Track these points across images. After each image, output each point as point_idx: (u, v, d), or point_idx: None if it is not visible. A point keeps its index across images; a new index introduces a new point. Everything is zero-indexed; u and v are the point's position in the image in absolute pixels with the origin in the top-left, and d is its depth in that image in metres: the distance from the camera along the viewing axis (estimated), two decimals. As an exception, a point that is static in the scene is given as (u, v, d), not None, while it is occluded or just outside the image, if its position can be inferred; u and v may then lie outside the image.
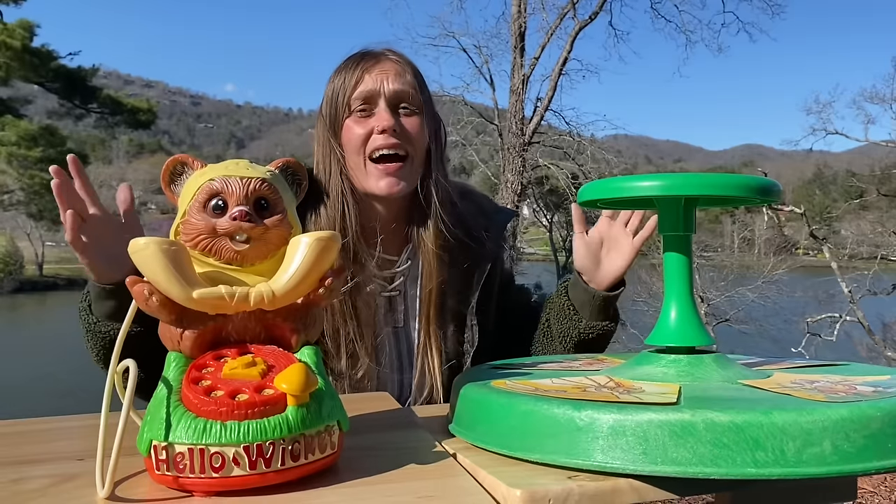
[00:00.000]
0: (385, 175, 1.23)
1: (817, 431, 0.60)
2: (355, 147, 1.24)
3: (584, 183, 0.87)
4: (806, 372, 0.85)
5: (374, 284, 1.30)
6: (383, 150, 1.22)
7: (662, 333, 0.82)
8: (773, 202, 0.82)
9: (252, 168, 0.72)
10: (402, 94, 1.24)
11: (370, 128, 1.23)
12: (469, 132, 14.26)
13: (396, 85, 1.24)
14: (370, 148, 1.23)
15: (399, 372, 1.33)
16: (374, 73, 1.24)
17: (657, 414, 0.62)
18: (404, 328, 1.34)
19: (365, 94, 1.23)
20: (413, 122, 1.25)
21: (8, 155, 13.52)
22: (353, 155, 1.25)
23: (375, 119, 1.23)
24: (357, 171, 1.25)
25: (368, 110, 1.24)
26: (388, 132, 1.22)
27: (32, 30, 14.25)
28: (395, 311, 1.33)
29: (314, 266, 0.68)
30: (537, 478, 0.63)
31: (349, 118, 1.24)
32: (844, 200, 22.79)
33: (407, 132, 1.24)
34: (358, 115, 1.24)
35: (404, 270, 1.33)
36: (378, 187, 1.23)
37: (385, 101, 1.23)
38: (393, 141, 1.22)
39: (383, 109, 1.23)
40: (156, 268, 0.64)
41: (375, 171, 1.23)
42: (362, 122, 1.24)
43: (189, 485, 0.61)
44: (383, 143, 1.22)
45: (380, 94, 1.23)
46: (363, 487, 0.63)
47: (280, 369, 0.65)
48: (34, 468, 0.70)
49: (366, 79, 1.24)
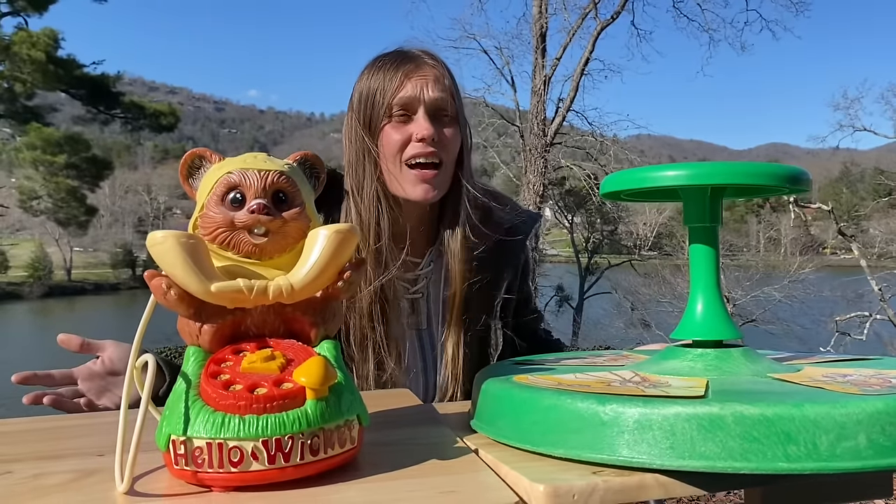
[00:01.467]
0: (421, 181, 1.23)
1: (851, 425, 0.58)
2: (392, 152, 1.24)
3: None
4: (837, 366, 0.83)
5: (398, 287, 1.30)
6: (420, 158, 1.22)
7: (689, 327, 0.80)
8: (802, 191, 0.80)
9: (270, 161, 0.71)
10: (441, 103, 1.24)
11: (408, 134, 1.23)
12: (490, 134, 14.24)
13: (436, 93, 1.24)
14: (408, 155, 1.23)
15: (423, 374, 1.33)
16: (414, 79, 1.24)
17: (684, 407, 0.60)
18: (427, 330, 1.34)
19: (405, 100, 1.23)
20: (449, 131, 1.26)
21: (34, 161, 13.72)
22: (389, 159, 1.25)
23: (415, 126, 1.23)
24: (393, 175, 1.25)
25: (407, 117, 1.24)
26: (427, 141, 1.22)
27: (57, 39, 14.45)
28: (418, 314, 1.33)
29: (333, 259, 0.67)
30: (561, 473, 0.62)
31: (388, 124, 1.24)
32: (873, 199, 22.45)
33: (443, 141, 1.25)
34: (396, 120, 1.24)
35: (427, 273, 1.33)
36: (414, 193, 1.24)
37: (424, 108, 1.23)
38: (430, 150, 1.22)
39: (422, 118, 1.23)
40: (174, 261, 0.63)
41: (412, 177, 1.23)
42: (400, 127, 1.24)
43: (207, 479, 0.60)
44: (421, 151, 1.22)
45: (420, 102, 1.23)
46: (384, 482, 0.62)
47: (299, 363, 0.64)
48: (55, 464, 0.70)
49: (406, 85, 1.23)
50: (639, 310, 16.40)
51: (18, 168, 15.65)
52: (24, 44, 13.41)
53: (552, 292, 16.90)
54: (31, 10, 14.28)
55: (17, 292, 36.32)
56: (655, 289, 16.35)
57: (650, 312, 15.96)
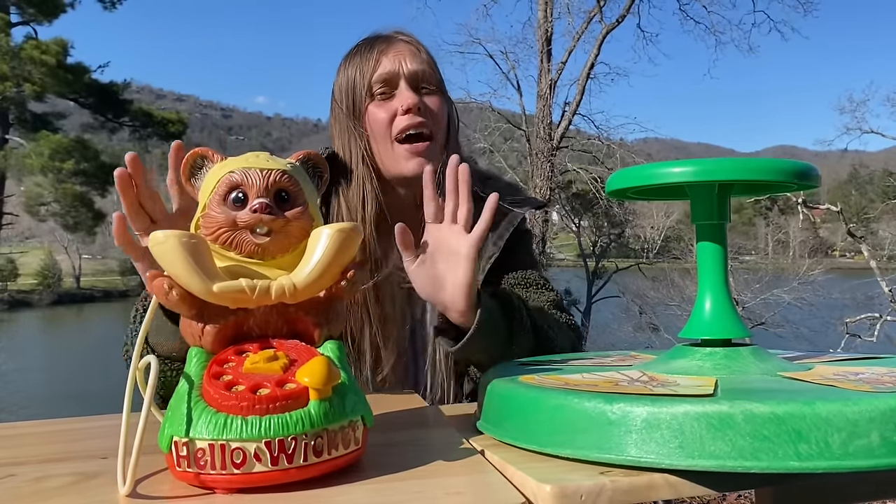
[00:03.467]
0: (413, 155, 1.21)
1: (864, 422, 0.56)
2: (380, 131, 1.22)
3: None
4: (849, 364, 0.82)
5: (394, 275, 1.27)
6: (410, 129, 1.20)
7: (697, 326, 0.79)
8: (810, 187, 0.78)
9: (272, 160, 0.71)
10: (422, 74, 1.23)
11: (393, 109, 1.21)
12: (497, 138, 14.23)
13: (415, 65, 1.22)
14: (396, 129, 1.21)
15: (413, 360, 1.31)
16: (391, 54, 1.23)
17: (693, 406, 0.59)
18: (421, 318, 1.32)
19: (384, 75, 1.21)
20: (434, 101, 1.24)
21: (42, 167, 13.79)
22: (378, 139, 1.23)
23: (398, 99, 1.21)
24: (384, 155, 1.23)
25: (389, 92, 1.22)
26: (413, 111, 1.20)
27: (67, 48, 14.54)
28: (414, 304, 1.31)
29: (336, 258, 0.67)
30: (568, 473, 0.61)
31: (371, 104, 1.23)
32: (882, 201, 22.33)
33: (430, 110, 1.23)
34: (379, 98, 1.22)
35: None
36: (408, 168, 1.21)
37: (406, 80, 1.22)
38: (418, 119, 1.20)
39: (405, 89, 1.21)
40: (175, 261, 0.63)
41: (403, 152, 1.21)
42: (384, 104, 1.22)
43: (210, 481, 0.60)
44: (409, 122, 1.20)
45: (399, 75, 1.22)
46: (389, 484, 0.62)
47: (302, 364, 0.64)
48: (57, 466, 0.70)
49: (383, 61, 1.22)
50: (647, 313, 16.34)
51: (28, 176, 15.74)
52: (34, 51, 13.51)
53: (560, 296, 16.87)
54: (41, 18, 14.38)
55: (27, 300, 36.48)
56: (664, 292, 16.29)
57: (659, 316, 15.89)
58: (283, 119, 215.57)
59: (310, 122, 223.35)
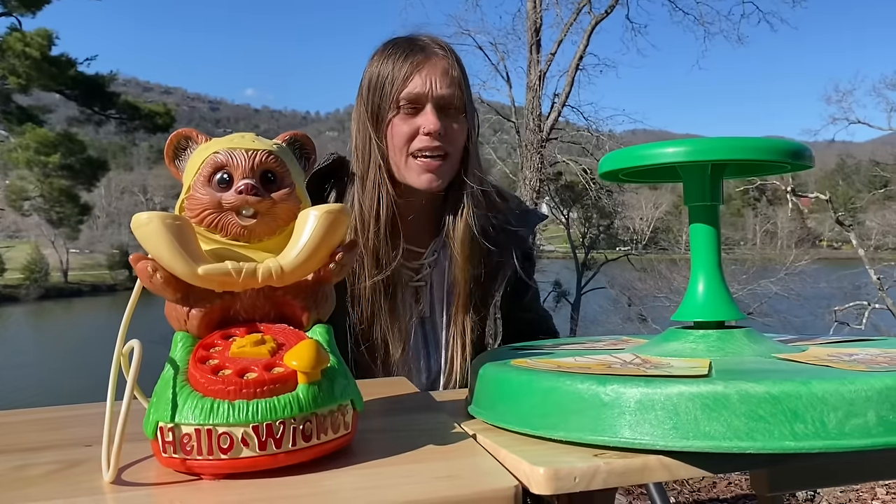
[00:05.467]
0: (425, 171, 1.25)
1: (860, 401, 0.56)
2: (399, 144, 1.25)
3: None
4: (842, 346, 0.81)
5: (403, 275, 1.32)
6: (427, 151, 1.24)
7: (690, 308, 0.78)
8: (804, 167, 0.78)
9: (258, 141, 0.69)
10: (449, 97, 1.25)
11: (416, 127, 1.24)
12: (486, 130, 14.21)
13: (444, 89, 1.24)
14: (414, 147, 1.24)
15: (426, 360, 1.35)
16: (424, 71, 1.24)
17: (688, 386, 0.59)
18: (430, 318, 1.35)
19: (413, 96, 1.23)
20: (456, 125, 1.27)
21: (28, 161, 13.64)
22: (396, 150, 1.26)
23: (422, 119, 1.23)
24: (398, 165, 1.27)
25: (415, 110, 1.24)
26: (434, 136, 1.23)
27: (51, 39, 14.37)
28: (421, 303, 1.35)
29: (324, 240, 0.65)
30: (561, 456, 0.60)
31: (396, 116, 1.25)
32: (868, 191, 22.46)
33: (450, 134, 1.25)
34: (404, 113, 1.24)
35: (431, 262, 1.35)
36: (419, 182, 1.25)
37: (433, 103, 1.23)
38: (437, 144, 1.24)
39: (430, 112, 1.23)
40: (159, 243, 0.61)
41: (416, 167, 1.25)
42: (408, 120, 1.24)
43: (197, 467, 0.58)
44: (428, 145, 1.23)
45: (428, 98, 1.23)
46: (379, 469, 0.61)
47: (290, 347, 0.62)
48: (39, 455, 0.68)
49: (415, 78, 1.23)
50: (636, 304, 16.37)
51: (12, 169, 15.58)
52: (18, 43, 13.34)
53: (550, 288, 16.88)
54: (24, 9, 14.20)
55: (14, 295, 36.20)
56: (652, 283, 16.33)
57: (647, 307, 15.93)
58: (271, 111, 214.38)
59: (298, 114, 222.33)
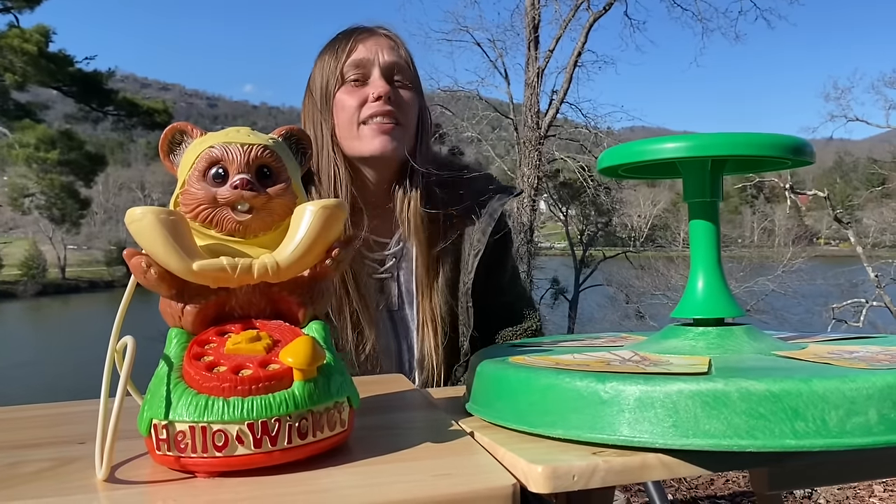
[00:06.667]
0: (379, 133, 1.19)
1: (861, 399, 0.55)
2: (348, 116, 1.20)
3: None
4: (842, 344, 0.81)
5: (367, 266, 1.27)
6: (378, 116, 1.19)
7: (690, 305, 0.78)
8: (805, 163, 0.77)
9: (254, 135, 0.68)
10: (397, 66, 1.21)
11: (364, 95, 1.19)
12: (484, 127, 14.17)
13: (391, 57, 1.21)
14: (364, 114, 1.19)
15: (397, 355, 1.31)
16: (369, 43, 1.21)
17: (687, 384, 0.58)
18: (399, 311, 1.31)
19: (358, 61, 1.19)
20: (407, 95, 1.23)
21: (27, 158, 13.63)
22: (343, 124, 1.21)
23: (370, 87, 1.20)
24: (349, 139, 1.21)
25: (362, 79, 1.21)
26: (384, 99, 1.18)
27: (49, 35, 14.33)
28: (389, 294, 1.30)
29: (320, 236, 0.65)
30: (560, 454, 0.59)
31: (341, 88, 1.20)
32: (866, 188, 22.47)
33: (401, 101, 1.21)
34: (351, 84, 1.20)
35: (395, 252, 1.30)
36: (372, 146, 1.20)
37: (380, 70, 1.20)
38: (388, 108, 1.19)
39: (378, 78, 1.20)
40: (153, 239, 0.60)
41: (368, 132, 1.20)
42: (356, 90, 1.20)
43: (191, 465, 0.58)
44: (378, 109, 1.19)
45: (374, 63, 1.20)
46: (376, 466, 0.60)
47: (286, 344, 0.62)
48: (32, 452, 0.67)
49: (359, 48, 1.20)
50: (633, 302, 16.38)
51: (11, 166, 15.56)
52: (16, 39, 13.32)
53: (547, 285, 16.88)
54: (23, 5, 14.17)
55: (11, 291, 36.16)
56: (649, 281, 16.34)
57: (644, 305, 15.95)
58: (269, 108, 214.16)
59: (296, 110, 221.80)
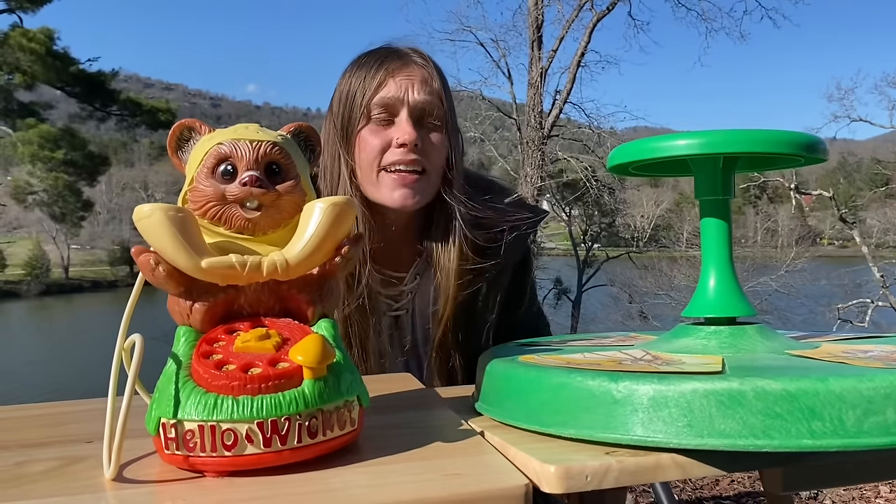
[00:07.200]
0: (400, 186, 1.11)
1: (879, 399, 0.55)
2: (369, 158, 1.12)
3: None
4: (856, 343, 0.80)
5: (381, 303, 1.21)
6: (400, 166, 1.11)
7: (701, 304, 0.77)
8: (818, 161, 0.76)
9: (263, 132, 0.68)
10: (427, 106, 1.12)
11: (388, 139, 1.11)
12: (487, 127, 14.17)
13: (422, 95, 1.12)
14: (386, 161, 1.12)
15: None
16: (399, 78, 1.12)
17: (702, 383, 0.57)
18: (413, 349, 1.25)
19: (386, 100, 1.11)
20: (436, 137, 1.14)
21: (31, 156, 13.66)
22: (366, 167, 1.13)
23: (396, 130, 1.11)
24: (368, 183, 1.14)
25: (388, 119, 1.12)
26: (409, 147, 1.10)
27: (53, 36, 14.37)
28: (403, 331, 1.24)
29: (330, 233, 0.64)
30: (572, 454, 0.59)
31: (365, 127, 1.12)
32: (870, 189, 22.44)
33: (427, 148, 1.13)
34: (375, 123, 1.12)
35: (412, 288, 1.23)
36: (392, 199, 1.12)
37: (408, 111, 1.11)
38: (412, 157, 1.11)
39: (405, 121, 1.11)
40: (162, 236, 0.60)
41: (389, 181, 1.12)
42: (380, 131, 1.12)
43: (200, 464, 0.57)
44: (401, 158, 1.11)
45: (403, 103, 1.11)
46: (386, 466, 0.59)
47: (295, 342, 0.61)
48: (40, 451, 0.67)
49: (389, 83, 1.11)
50: (637, 302, 16.36)
51: (15, 165, 15.61)
52: (21, 38, 13.35)
53: (550, 285, 16.86)
54: (26, 6, 14.19)
55: (15, 290, 36.21)
56: (653, 281, 16.32)
57: (647, 305, 15.92)
58: (272, 108, 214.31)
59: (299, 111, 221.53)
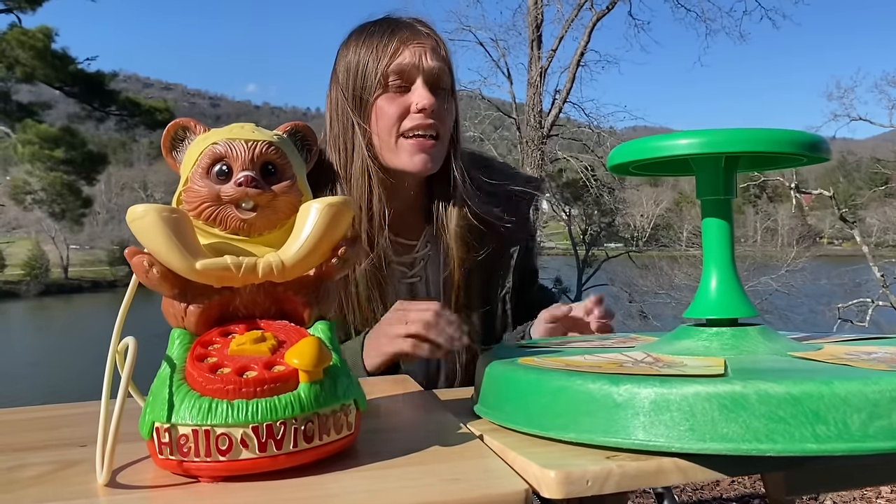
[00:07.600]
0: (419, 151, 1.16)
1: (885, 402, 0.54)
2: (388, 125, 1.16)
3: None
4: (859, 344, 0.79)
5: (395, 270, 1.25)
6: (420, 130, 1.16)
7: (703, 305, 0.76)
8: (821, 160, 0.75)
9: (258, 131, 0.67)
10: (441, 73, 1.17)
11: (406, 105, 1.16)
12: (487, 127, 14.17)
13: (435, 62, 1.17)
14: (405, 127, 1.16)
15: (425, 360, 1.28)
16: (412, 46, 1.16)
17: (704, 386, 0.56)
18: None
19: (402, 68, 1.15)
20: (446, 105, 1.20)
21: (31, 155, 13.65)
22: (384, 134, 1.17)
23: (414, 96, 1.16)
24: (387, 150, 1.18)
25: (404, 86, 1.16)
26: (427, 112, 1.15)
27: (51, 36, 14.35)
28: (417, 298, 1.27)
29: (326, 234, 0.63)
30: (572, 458, 0.58)
31: (382, 95, 1.16)
32: (869, 188, 22.44)
33: (442, 113, 1.18)
34: (392, 91, 1.16)
35: (424, 255, 1.28)
36: (412, 163, 1.17)
37: (424, 77, 1.16)
38: (430, 121, 1.16)
39: (421, 86, 1.15)
40: (155, 237, 0.59)
41: (408, 147, 1.16)
42: (396, 98, 1.16)
43: (194, 469, 0.56)
44: (421, 122, 1.15)
45: (419, 70, 1.16)
46: (383, 471, 0.58)
47: (292, 345, 0.60)
48: (33, 455, 0.66)
49: (403, 52, 1.16)
50: (636, 301, 16.36)
51: (14, 165, 15.59)
52: (20, 36, 13.34)
53: (550, 285, 16.87)
54: (25, 5, 14.17)
55: (14, 291, 36.20)
56: (652, 280, 16.32)
57: (647, 304, 15.92)
58: (271, 108, 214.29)
59: (299, 110, 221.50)
